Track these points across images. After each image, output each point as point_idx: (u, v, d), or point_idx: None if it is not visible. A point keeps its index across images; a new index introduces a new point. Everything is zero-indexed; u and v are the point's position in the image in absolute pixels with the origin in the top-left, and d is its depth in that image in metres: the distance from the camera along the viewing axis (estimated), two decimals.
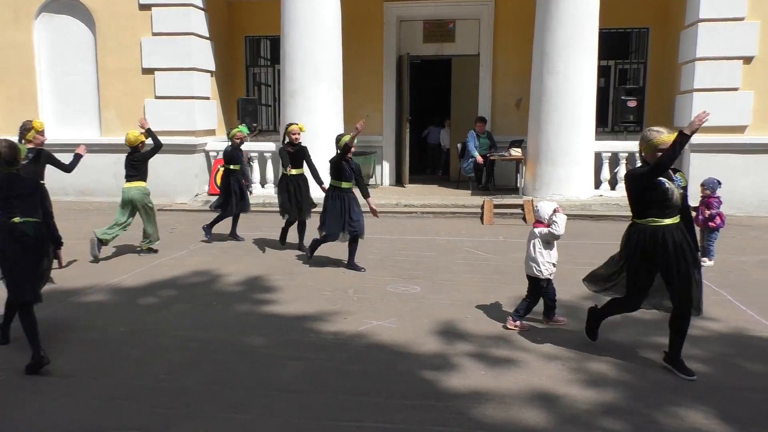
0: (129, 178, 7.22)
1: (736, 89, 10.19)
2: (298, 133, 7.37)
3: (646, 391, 3.74)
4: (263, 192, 11.19)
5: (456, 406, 3.56)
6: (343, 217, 6.55)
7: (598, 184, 10.90)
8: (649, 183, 3.87)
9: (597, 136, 10.89)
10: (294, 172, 7.34)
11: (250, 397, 3.69)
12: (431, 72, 15.79)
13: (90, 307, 5.49)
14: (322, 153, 8.89)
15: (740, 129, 10.26)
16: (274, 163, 11.37)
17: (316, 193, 7.53)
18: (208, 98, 12.28)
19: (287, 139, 7.46)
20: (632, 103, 11.37)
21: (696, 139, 10.24)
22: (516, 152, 11.45)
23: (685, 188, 4.03)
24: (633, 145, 10.88)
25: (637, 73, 12.78)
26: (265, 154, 11.56)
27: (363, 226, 6.69)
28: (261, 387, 3.83)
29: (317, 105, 10.69)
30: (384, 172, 13.33)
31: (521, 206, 10.08)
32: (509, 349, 4.42)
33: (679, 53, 11.06)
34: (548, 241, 4.79)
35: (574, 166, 10.44)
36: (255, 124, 12.50)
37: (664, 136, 3.87)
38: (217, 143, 12.25)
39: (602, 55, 11.17)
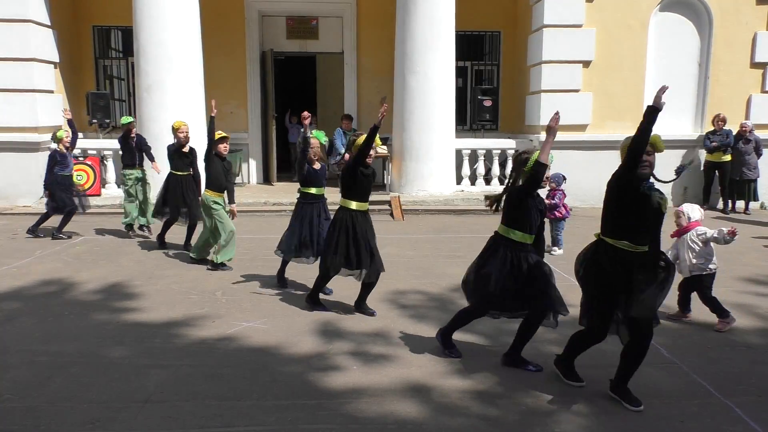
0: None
1: (577, 91, 11.12)
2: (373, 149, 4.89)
3: (510, 375, 3.98)
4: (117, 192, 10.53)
5: (329, 404, 3.56)
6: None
7: (459, 180, 11.43)
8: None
9: (457, 134, 11.41)
10: (358, 206, 4.96)
11: (109, 412, 3.44)
12: (297, 69, 15.71)
13: None
14: None
15: (582, 127, 11.21)
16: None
17: None
18: (52, 92, 11.30)
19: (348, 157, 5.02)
20: (488, 103, 12.03)
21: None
22: (382, 149, 11.68)
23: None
24: (490, 143, 11.57)
25: (492, 74, 13.54)
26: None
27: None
28: (121, 400, 3.60)
29: (176, 101, 10.21)
30: (251, 170, 13.05)
31: (388, 202, 10.31)
32: (384, 345, 4.49)
33: (528, 56, 11.87)
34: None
35: (437, 163, 10.86)
36: (108, 121, 11.74)
37: None
38: None
39: (459, 56, 11.73)
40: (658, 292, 3.57)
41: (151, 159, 8.34)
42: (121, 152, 8.44)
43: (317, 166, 5.70)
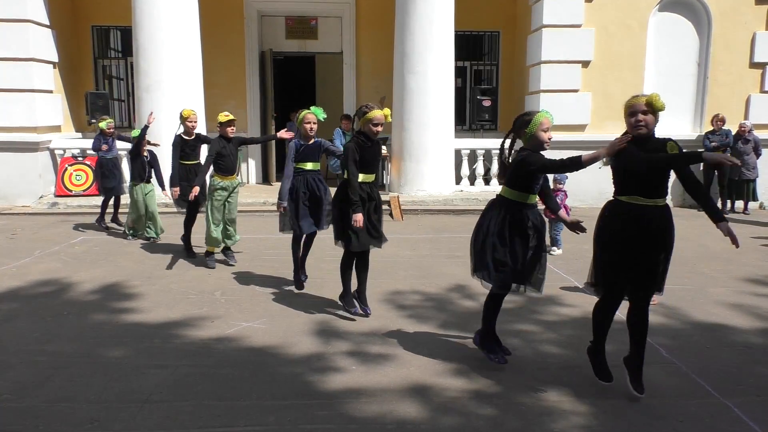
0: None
1: (576, 91, 11.13)
2: (382, 123, 4.87)
3: (508, 375, 3.97)
4: None
5: (328, 404, 3.56)
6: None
7: (458, 180, 11.43)
8: None
9: (456, 134, 11.41)
10: (364, 177, 4.90)
11: (108, 412, 3.44)
12: (296, 68, 15.71)
13: None
14: None
15: (581, 127, 11.22)
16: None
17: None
18: (51, 92, 11.31)
19: (355, 129, 4.94)
20: (487, 103, 12.04)
21: None
22: (381, 150, 11.69)
23: None
24: (489, 143, 11.56)
25: (491, 74, 13.55)
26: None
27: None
28: (121, 400, 3.60)
29: (176, 101, 10.19)
30: (250, 170, 13.05)
31: (388, 202, 10.30)
32: (382, 345, 4.49)
33: (527, 56, 11.88)
34: None
35: (436, 163, 10.86)
36: None
37: None
38: (64, 140, 11.35)
39: (458, 56, 11.73)
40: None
41: (161, 184, 7.94)
42: (129, 164, 7.97)
43: (311, 142, 5.59)
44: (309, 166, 5.63)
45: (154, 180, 8.03)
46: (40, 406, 3.52)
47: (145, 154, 7.87)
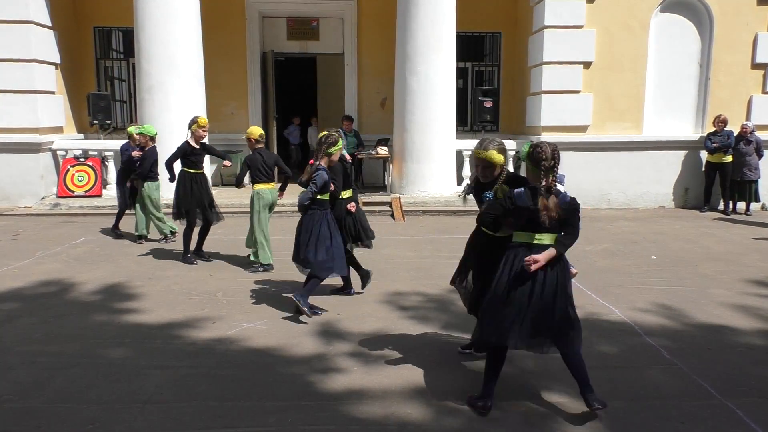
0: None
1: (578, 92, 11.11)
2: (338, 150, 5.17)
3: (509, 377, 3.95)
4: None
5: (330, 405, 3.56)
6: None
7: (460, 181, 11.43)
8: None
9: (457, 135, 11.41)
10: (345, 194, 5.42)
11: (109, 413, 3.44)
12: (297, 70, 15.73)
13: None
14: None
15: (582, 128, 11.20)
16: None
17: None
18: (53, 93, 11.32)
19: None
20: (488, 104, 12.03)
21: (546, 138, 11.05)
22: (383, 150, 11.71)
23: None
24: None
25: (492, 75, 13.55)
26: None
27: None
28: (122, 401, 3.60)
29: (177, 102, 10.22)
30: None
31: (389, 203, 10.30)
32: (384, 346, 4.48)
33: (528, 57, 11.87)
34: None
35: (438, 164, 10.86)
36: (109, 122, 11.76)
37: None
38: (66, 141, 11.36)
39: (460, 57, 11.73)
40: None
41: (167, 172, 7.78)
42: (142, 164, 7.77)
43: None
44: (326, 195, 5.20)
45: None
46: (40, 406, 3.52)
47: (137, 154, 7.94)
